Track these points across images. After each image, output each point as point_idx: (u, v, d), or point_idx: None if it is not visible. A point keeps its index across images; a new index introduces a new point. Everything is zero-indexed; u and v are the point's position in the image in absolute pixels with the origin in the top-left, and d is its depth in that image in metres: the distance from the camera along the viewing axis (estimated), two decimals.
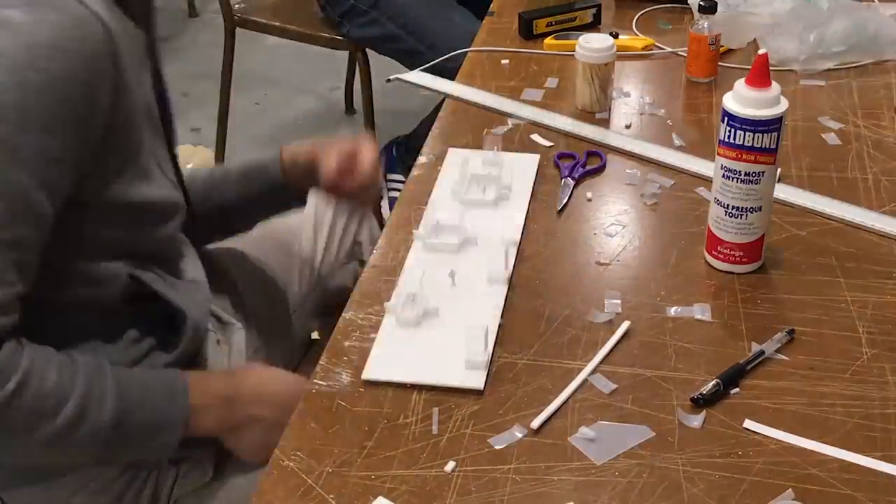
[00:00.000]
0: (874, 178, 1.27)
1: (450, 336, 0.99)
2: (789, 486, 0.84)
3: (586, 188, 1.26)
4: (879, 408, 0.92)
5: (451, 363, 0.96)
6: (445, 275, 1.07)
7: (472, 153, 1.30)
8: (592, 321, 1.03)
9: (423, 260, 1.12)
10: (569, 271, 1.11)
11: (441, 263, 1.10)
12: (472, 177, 1.24)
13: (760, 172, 1.04)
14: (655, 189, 1.25)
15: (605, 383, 0.95)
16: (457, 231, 1.14)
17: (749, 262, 1.09)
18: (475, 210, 1.19)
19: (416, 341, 1.00)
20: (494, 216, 1.19)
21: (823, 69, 1.54)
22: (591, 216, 1.21)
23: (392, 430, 0.90)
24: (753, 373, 0.96)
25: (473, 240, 1.14)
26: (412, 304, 1.03)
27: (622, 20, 1.74)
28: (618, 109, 1.46)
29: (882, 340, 1.00)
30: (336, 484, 0.85)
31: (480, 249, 1.13)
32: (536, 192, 1.25)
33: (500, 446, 0.89)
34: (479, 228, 1.15)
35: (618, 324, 1.02)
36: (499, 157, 1.26)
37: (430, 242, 1.13)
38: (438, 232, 1.14)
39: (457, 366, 0.96)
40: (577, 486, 0.85)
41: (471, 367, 0.95)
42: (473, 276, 1.08)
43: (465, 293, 1.06)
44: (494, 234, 1.13)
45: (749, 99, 1.01)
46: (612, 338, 1.00)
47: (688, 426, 0.90)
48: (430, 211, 1.20)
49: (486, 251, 1.11)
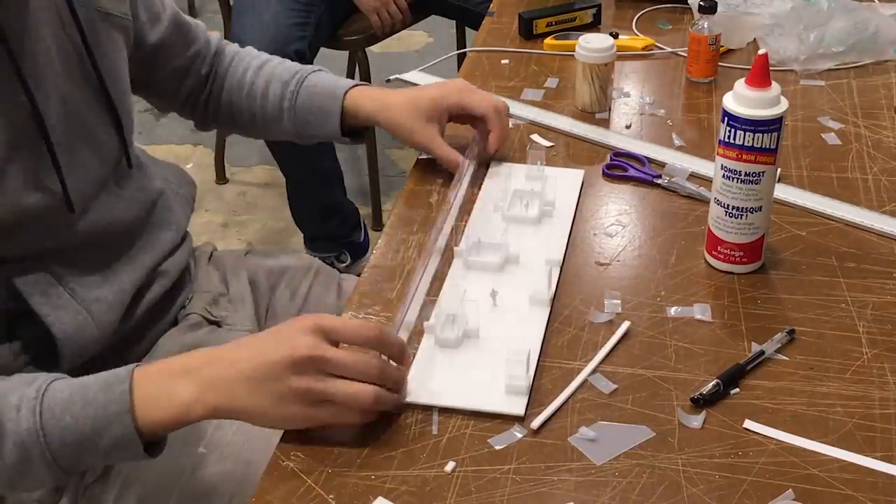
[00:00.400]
0: (874, 178, 1.27)
1: (490, 359, 0.97)
2: (789, 487, 0.84)
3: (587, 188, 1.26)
4: (879, 408, 0.92)
5: (492, 387, 0.94)
6: (485, 294, 1.04)
7: (515, 167, 1.28)
8: (592, 321, 1.03)
9: (463, 278, 1.09)
10: (569, 271, 1.11)
11: (482, 282, 1.07)
12: (514, 192, 1.21)
13: (760, 172, 1.04)
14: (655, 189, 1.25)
15: (605, 383, 0.95)
16: (499, 249, 1.11)
17: (749, 262, 1.09)
18: (517, 227, 1.16)
19: (455, 363, 0.98)
20: (537, 234, 1.17)
21: (823, 69, 1.54)
22: (590, 216, 1.21)
23: (392, 430, 0.90)
24: (753, 373, 0.96)
25: (515, 258, 1.11)
26: (452, 324, 1.00)
27: (622, 20, 1.74)
28: (618, 109, 1.46)
29: (882, 340, 1.00)
30: (336, 484, 0.85)
31: (522, 269, 1.10)
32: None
33: (500, 446, 0.89)
34: (521, 247, 1.12)
35: (618, 324, 1.02)
36: (542, 172, 1.23)
37: (471, 260, 1.11)
38: (480, 249, 1.12)
39: (497, 390, 0.93)
40: (577, 486, 0.85)
41: (511, 393, 0.93)
42: (515, 296, 1.06)
43: (506, 314, 1.04)
44: (537, 254, 1.11)
45: (749, 99, 1.01)
46: (613, 338, 1.00)
47: (688, 426, 0.90)
48: (472, 226, 1.17)
49: (528, 271, 1.09)
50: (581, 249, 1.15)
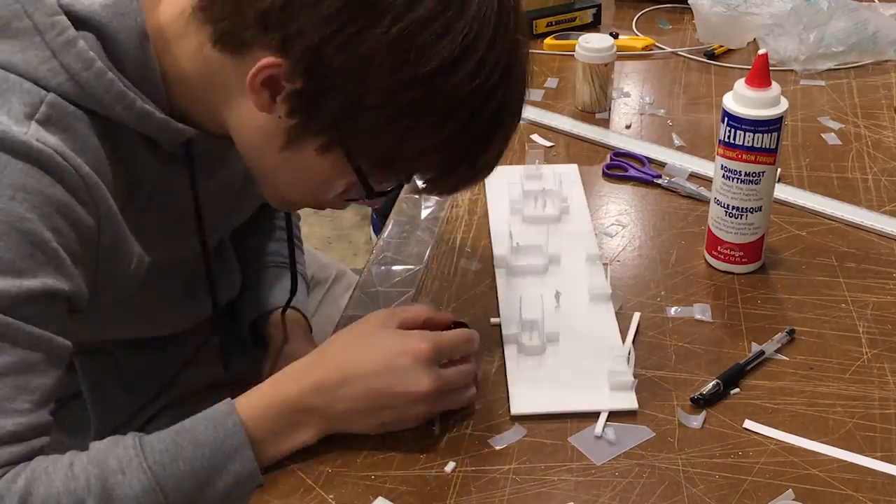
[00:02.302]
0: (874, 178, 1.27)
1: (578, 359, 0.97)
2: (789, 486, 0.84)
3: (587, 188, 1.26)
4: (879, 408, 0.92)
5: (595, 386, 0.93)
6: (543, 297, 1.03)
7: (510, 168, 1.26)
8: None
9: (512, 284, 1.08)
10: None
11: (532, 285, 1.07)
12: (525, 192, 1.20)
13: (760, 172, 1.04)
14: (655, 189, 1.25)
15: None
16: (540, 251, 1.11)
17: (749, 262, 1.09)
18: (540, 227, 1.16)
19: (546, 368, 0.97)
20: (563, 232, 1.16)
21: (823, 69, 1.54)
22: (591, 216, 1.21)
23: (392, 430, 0.90)
24: (753, 373, 0.96)
25: (557, 258, 1.11)
26: (531, 331, 1.00)
27: (622, 20, 1.74)
28: (618, 109, 1.46)
29: (882, 340, 1.00)
30: (336, 484, 0.85)
31: (565, 268, 1.10)
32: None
33: (500, 446, 0.89)
34: (557, 246, 1.11)
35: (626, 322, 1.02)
36: (539, 170, 1.23)
37: (514, 266, 1.10)
38: (520, 254, 1.11)
39: (601, 388, 0.93)
40: (577, 486, 0.84)
41: (617, 388, 0.93)
42: (572, 295, 1.05)
43: (571, 314, 1.03)
44: (574, 251, 1.11)
45: (749, 99, 1.01)
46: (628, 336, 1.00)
47: (688, 426, 0.90)
48: (498, 232, 1.16)
49: (572, 269, 1.09)
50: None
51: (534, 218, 1.19)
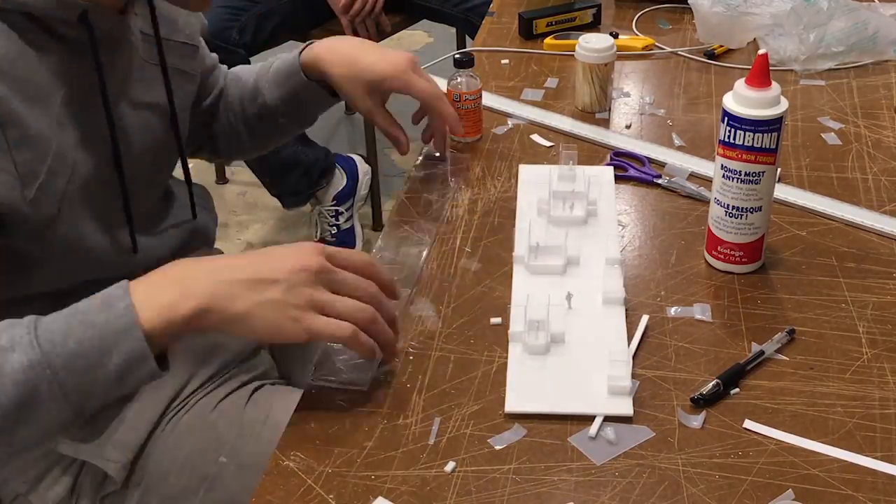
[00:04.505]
0: (874, 178, 1.27)
1: (580, 362, 0.97)
2: (789, 486, 0.84)
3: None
4: (879, 408, 0.92)
5: (592, 390, 0.93)
6: (555, 298, 1.03)
7: (545, 168, 1.26)
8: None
9: (529, 283, 1.08)
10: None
11: (548, 285, 1.07)
12: (554, 193, 1.20)
13: (760, 172, 1.04)
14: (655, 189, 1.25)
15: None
16: (560, 252, 1.11)
17: (749, 262, 1.09)
18: (565, 228, 1.15)
19: (547, 368, 0.97)
20: (587, 234, 1.16)
21: (823, 69, 1.54)
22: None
23: (392, 431, 0.90)
24: (753, 373, 0.96)
25: (576, 260, 1.11)
26: (537, 330, 1.00)
27: (622, 20, 1.74)
28: (618, 109, 1.46)
29: (882, 340, 1.00)
30: (336, 484, 0.85)
31: (584, 270, 1.10)
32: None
33: (500, 446, 0.89)
34: (578, 247, 1.12)
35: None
36: (573, 172, 1.22)
37: (533, 265, 1.10)
38: (540, 253, 1.11)
39: (599, 392, 0.93)
40: (577, 486, 0.85)
41: (615, 393, 0.93)
42: (586, 297, 1.05)
43: (582, 316, 1.03)
44: (595, 254, 1.11)
45: (749, 99, 1.01)
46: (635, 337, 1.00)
47: (688, 426, 0.90)
48: (522, 231, 1.16)
49: (591, 272, 1.09)
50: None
51: (560, 219, 1.18)
